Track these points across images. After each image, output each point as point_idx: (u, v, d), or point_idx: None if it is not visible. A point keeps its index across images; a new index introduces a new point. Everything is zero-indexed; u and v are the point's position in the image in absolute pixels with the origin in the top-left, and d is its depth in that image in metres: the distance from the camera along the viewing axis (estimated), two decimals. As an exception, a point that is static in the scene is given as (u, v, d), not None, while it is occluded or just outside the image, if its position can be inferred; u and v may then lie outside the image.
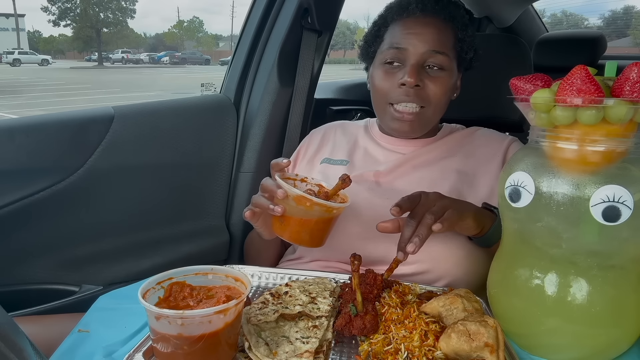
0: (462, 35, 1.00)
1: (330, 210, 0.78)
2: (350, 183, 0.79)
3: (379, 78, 1.00)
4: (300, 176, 0.88)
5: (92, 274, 1.18)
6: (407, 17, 0.99)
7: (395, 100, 0.98)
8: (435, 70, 0.97)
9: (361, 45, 1.11)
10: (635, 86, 0.55)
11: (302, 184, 0.86)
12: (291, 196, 0.76)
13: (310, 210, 0.76)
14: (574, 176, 0.59)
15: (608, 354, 0.65)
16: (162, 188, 1.26)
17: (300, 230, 0.79)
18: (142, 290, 0.58)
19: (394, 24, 1.01)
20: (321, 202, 0.76)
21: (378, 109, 1.05)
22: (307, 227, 0.78)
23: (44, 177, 1.09)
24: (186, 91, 13.20)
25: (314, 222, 0.78)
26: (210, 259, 1.35)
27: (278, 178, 0.79)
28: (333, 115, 1.67)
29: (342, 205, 0.79)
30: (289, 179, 0.85)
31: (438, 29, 0.97)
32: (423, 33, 0.96)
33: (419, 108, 0.98)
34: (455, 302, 0.68)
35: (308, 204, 0.76)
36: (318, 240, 0.81)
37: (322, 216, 0.78)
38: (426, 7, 0.98)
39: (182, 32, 66.52)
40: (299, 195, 0.75)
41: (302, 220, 0.78)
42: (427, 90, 0.97)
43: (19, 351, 0.44)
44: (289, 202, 0.77)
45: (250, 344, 0.62)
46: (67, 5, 47.05)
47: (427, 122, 1.01)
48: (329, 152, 1.12)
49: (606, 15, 46.72)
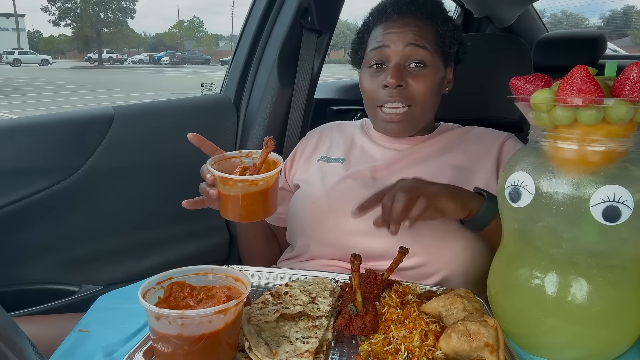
0: (443, 31, 1.01)
1: (254, 183, 0.77)
2: (274, 145, 0.78)
3: (366, 81, 1.03)
4: (245, 151, 0.87)
5: (92, 274, 1.18)
6: (385, 20, 1.02)
7: (382, 101, 1.00)
8: (418, 68, 0.98)
9: (349, 52, 1.14)
10: (635, 86, 0.55)
11: (247, 159, 0.86)
12: (218, 178, 0.77)
13: (234, 188, 0.77)
14: (574, 176, 0.59)
15: (608, 354, 0.65)
16: (162, 188, 1.26)
17: (235, 207, 0.80)
18: (142, 290, 0.58)
19: (375, 29, 1.04)
20: (240, 178, 0.76)
21: (369, 112, 1.07)
22: (240, 203, 0.79)
23: (44, 177, 1.09)
24: (186, 91, 13.21)
25: (245, 197, 0.78)
26: (210, 259, 1.35)
27: (209, 162, 0.80)
28: (333, 115, 1.67)
29: (263, 176, 0.77)
30: (233, 158, 0.85)
31: (416, 26, 0.99)
32: (401, 32, 0.98)
33: (405, 108, 0.99)
34: (455, 302, 0.68)
35: (231, 183, 0.76)
36: (258, 213, 0.81)
37: (250, 190, 0.77)
38: (402, 9, 1.01)
39: (182, 32, 66.49)
40: (220, 176, 0.76)
41: (233, 198, 0.78)
42: (411, 89, 0.98)
43: (19, 351, 0.44)
44: (218, 184, 0.79)
45: (250, 344, 0.62)
46: (67, 5, 47.05)
47: (417, 121, 1.02)
48: (325, 150, 1.13)
49: (606, 15, 46.74)
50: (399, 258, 0.79)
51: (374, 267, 0.88)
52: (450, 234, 0.90)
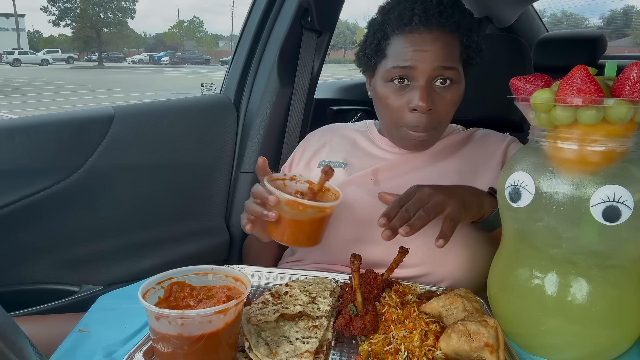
0: (467, 42, 0.96)
1: (323, 210, 0.78)
2: (333, 173, 0.79)
3: (390, 98, 0.95)
4: (289, 175, 0.87)
5: (92, 274, 1.18)
6: (409, 32, 0.92)
7: (408, 125, 0.95)
8: (444, 87, 0.93)
9: (359, 55, 1.05)
10: (635, 86, 0.55)
11: (291, 183, 0.86)
12: (283, 201, 0.76)
13: (303, 213, 0.77)
14: (574, 176, 0.59)
15: (608, 353, 0.65)
16: (162, 188, 1.26)
17: (296, 232, 0.79)
18: (142, 290, 0.58)
19: (396, 39, 0.93)
20: (313, 204, 0.76)
21: (387, 127, 1.01)
22: (302, 228, 0.79)
23: (44, 177, 1.09)
24: (186, 91, 13.20)
25: (308, 222, 0.78)
26: (210, 259, 1.35)
27: (267, 183, 0.78)
28: (333, 115, 1.66)
29: (334, 204, 0.78)
30: (277, 180, 0.85)
31: (445, 43, 0.91)
32: (431, 50, 0.90)
33: (431, 130, 0.96)
34: (455, 302, 0.68)
35: (301, 208, 0.76)
36: (315, 239, 0.82)
37: (315, 216, 0.78)
38: (430, 21, 0.91)
39: (182, 32, 66.47)
40: (291, 200, 0.75)
41: (296, 222, 0.78)
42: (438, 110, 0.94)
43: (19, 351, 0.44)
44: (281, 207, 0.77)
45: (250, 344, 0.62)
46: (67, 5, 46.98)
47: (438, 136, 1.01)
48: (325, 154, 1.11)
49: (606, 15, 46.71)
50: (399, 258, 0.79)
51: None
52: (455, 243, 0.88)
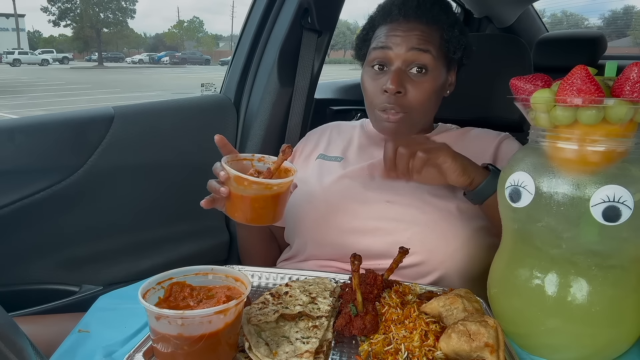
0: (448, 36, 1.00)
1: (269, 187, 0.77)
2: (291, 153, 0.79)
3: (367, 82, 1.03)
4: (257, 156, 0.87)
5: (92, 274, 1.18)
6: (390, 22, 1.01)
7: (379, 106, 1.00)
8: (419, 74, 0.97)
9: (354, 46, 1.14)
10: (635, 86, 0.55)
11: (259, 164, 0.86)
12: (232, 177, 0.77)
13: (249, 189, 0.77)
14: (574, 176, 0.59)
15: (608, 354, 0.65)
16: (162, 188, 1.26)
17: (244, 208, 0.80)
18: (142, 291, 0.58)
19: (379, 29, 1.03)
20: (257, 180, 0.76)
21: (368, 111, 1.07)
22: (250, 205, 0.79)
23: (44, 177, 1.09)
24: (186, 91, 13.21)
25: (254, 199, 0.78)
26: (210, 259, 1.35)
27: (224, 160, 0.80)
28: (333, 115, 1.67)
29: (280, 181, 0.78)
30: (245, 160, 0.85)
31: (421, 30, 0.98)
32: (405, 35, 0.98)
33: (401, 114, 0.99)
34: (455, 302, 0.67)
35: (246, 184, 0.76)
36: (264, 217, 0.81)
37: (261, 193, 0.78)
38: (408, 12, 0.99)
39: (182, 32, 66.48)
40: (237, 176, 0.76)
41: (243, 198, 0.78)
42: (409, 96, 0.97)
43: (19, 351, 0.44)
44: (231, 183, 0.78)
45: (250, 344, 0.62)
46: (67, 5, 47.02)
47: (413, 125, 1.03)
48: (324, 148, 1.13)
49: (606, 15, 46.72)
50: (398, 258, 0.79)
51: (371, 266, 0.88)
52: (448, 233, 0.90)
